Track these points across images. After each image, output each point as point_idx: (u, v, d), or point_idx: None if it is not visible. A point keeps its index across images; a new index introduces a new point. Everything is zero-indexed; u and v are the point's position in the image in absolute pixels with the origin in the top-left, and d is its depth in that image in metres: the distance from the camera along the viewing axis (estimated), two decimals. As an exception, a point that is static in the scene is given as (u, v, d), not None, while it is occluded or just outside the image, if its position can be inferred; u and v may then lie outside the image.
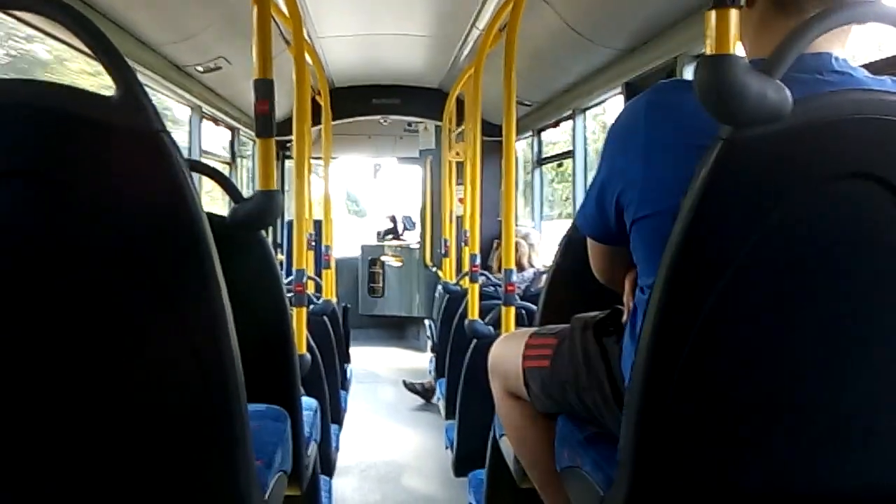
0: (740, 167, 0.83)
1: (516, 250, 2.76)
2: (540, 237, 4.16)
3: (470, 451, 2.67)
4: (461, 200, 4.76)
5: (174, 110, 3.67)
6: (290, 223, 4.43)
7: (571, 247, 1.73)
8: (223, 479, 1.01)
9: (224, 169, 4.59)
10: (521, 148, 5.16)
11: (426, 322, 5.42)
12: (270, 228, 4.89)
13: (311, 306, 3.14)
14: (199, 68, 3.38)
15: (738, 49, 0.81)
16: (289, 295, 1.73)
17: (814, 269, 0.86)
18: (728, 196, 0.84)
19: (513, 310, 2.32)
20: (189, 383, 0.97)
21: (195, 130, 3.78)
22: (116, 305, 0.94)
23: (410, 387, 4.54)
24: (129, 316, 0.94)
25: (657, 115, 1.01)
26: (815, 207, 0.84)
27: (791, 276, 0.86)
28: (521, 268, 3.69)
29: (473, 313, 2.76)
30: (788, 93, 0.80)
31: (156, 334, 0.95)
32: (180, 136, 3.73)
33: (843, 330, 0.88)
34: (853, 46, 0.99)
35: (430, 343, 4.86)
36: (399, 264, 6.65)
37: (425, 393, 4.49)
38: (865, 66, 0.99)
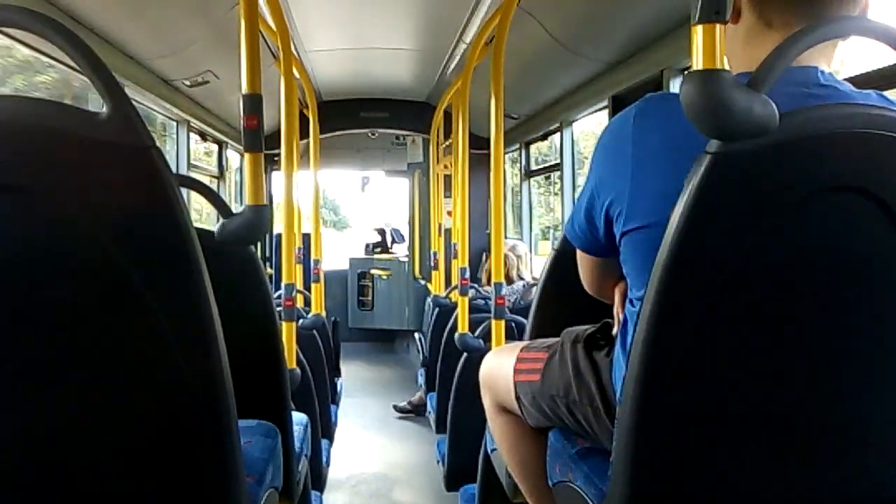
0: (728, 181, 0.84)
1: (504, 263, 2.77)
2: (527, 249, 4.17)
3: (461, 465, 2.66)
4: (449, 213, 4.77)
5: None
6: (279, 237, 4.42)
7: (561, 259, 1.73)
8: (214, 496, 1.00)
9: (212, 183, 4.58)
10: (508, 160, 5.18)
11: (416, 335, 5.41)
12: (259, 242, 4.88)
13: (301, 320, 3.12)
14: (187, 82, 3.38)
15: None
16: (278, 309, 1.72)
17: (803, 282, 0.87)
18: (716, 209, 0.84)
19: (503, 323, 2.32)
20: (178, 399, 0.96)
21: (182, 144, 3.77)
22: (105, 321, 0.93)
23: (401, 409, 4.53)
24: (118, 331, 0.94)
25: (646, 127, 1.01)
26: (803, 220, 0.85)
27: (780, 288, 0.87)
28: (509, 280, 3.69)
29: (463, 326, 2.75)
30: (775, 107, 0.80)
31: (145, 350, 0.95)
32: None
33: (832, 341, 0.89)
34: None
35: (420, 356, 4.85)
36: (388, 277, 6.65)
37: (415, 409, 4.48)
38: (850, 80, 1.00)
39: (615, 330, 1.25)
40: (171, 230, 0.92)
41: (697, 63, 0.81)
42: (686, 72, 1.18)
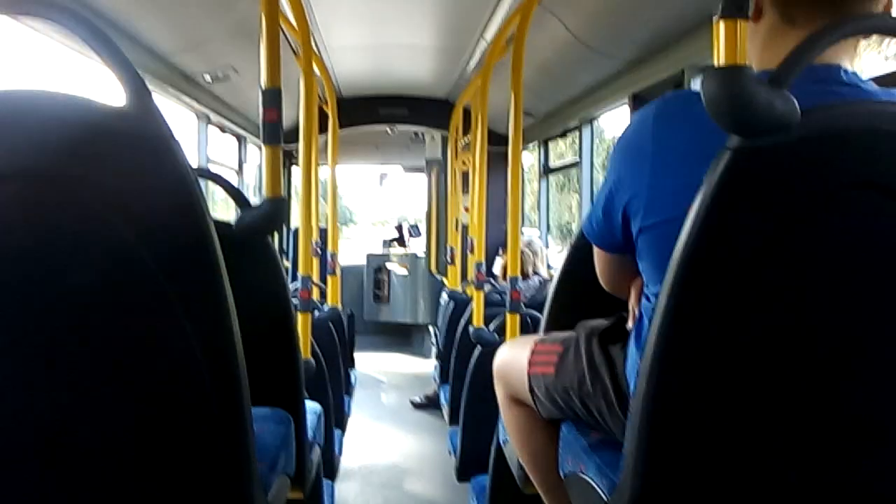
0: (748, 177, 0.84)
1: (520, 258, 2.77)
2: (543, 245, 4.16)
3: (473, 456, 2.67)
4: (466, 209, 4.78)
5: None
6: (296, 231, 4.44)
7: (577, 254, 1.73)
8: (227, 480, 1.01)
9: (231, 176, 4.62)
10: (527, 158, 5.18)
11: (431, 329, 5.42)
12: (276, 235, 4.92)
13: (317, 312, 3.15)
14: (208, 77, 3.41)
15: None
16: (294, 301, 1.74)
17: (822, 279, 0.86)
18: (736, 205, 0.84)
19: (518, 317, 2.32)
20: (194, 386, 0.97)
21: (202, 139, 3.81)
22: (123, 309, 0.95)
23: (418, 405, 4.55)
24: (136, 319, 0.95)
25: (665, 125, 1.02)
26: (823, 217, 0.84)
27: (799, 285, 0.86)
28: (525, 276, 3.68)
29: (478, 320, 2.76)
30: (797, 103, 0.80)
31: (161, 337, 0.96)
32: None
33: (852, 339, 0.88)
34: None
35: (434, 350, 4.87)
36: (404, 272, 6.67)
37: (431, 402, 4.50)
38: (874, 80, 0.99)
39: (629, 325, 1.25)
40: (190, 220, 0.93)
41: (720, 59, 0.81)
42: (707, 68, 1.18)
